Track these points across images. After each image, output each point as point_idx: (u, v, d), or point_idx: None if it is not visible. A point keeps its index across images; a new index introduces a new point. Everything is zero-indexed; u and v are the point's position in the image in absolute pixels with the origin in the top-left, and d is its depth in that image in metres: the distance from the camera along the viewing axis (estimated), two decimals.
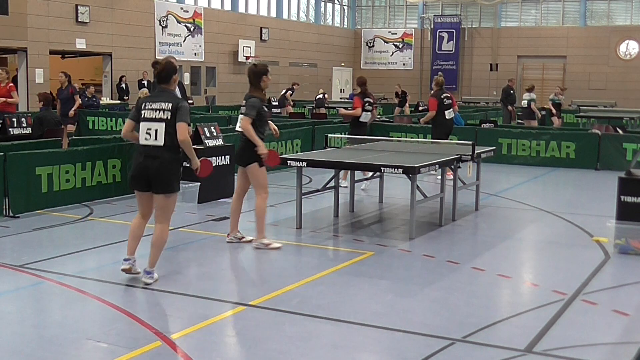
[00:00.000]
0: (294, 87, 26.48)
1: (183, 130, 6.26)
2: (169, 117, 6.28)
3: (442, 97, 12.93)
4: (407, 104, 28.07)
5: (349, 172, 10.18)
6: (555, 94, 22.34)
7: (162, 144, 6.28)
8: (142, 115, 6.41)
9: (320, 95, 26.71)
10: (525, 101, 20.46)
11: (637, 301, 6.20)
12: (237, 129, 7.85)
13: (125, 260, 6.48)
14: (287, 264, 7.40)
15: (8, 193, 9.13)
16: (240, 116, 7.64)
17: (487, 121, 18.78)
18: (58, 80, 16.23)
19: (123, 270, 6.46)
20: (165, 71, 6.47)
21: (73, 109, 15.58)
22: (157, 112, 6.33)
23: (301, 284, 6.45)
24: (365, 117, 11.91)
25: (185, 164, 6.68)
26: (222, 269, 7.28)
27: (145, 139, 6.34)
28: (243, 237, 7.98)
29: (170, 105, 6.31)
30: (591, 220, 9.40)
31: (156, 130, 6.29)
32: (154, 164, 6.29)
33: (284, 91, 26.25)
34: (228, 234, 8.03)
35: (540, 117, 21.29)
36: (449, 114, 12.97)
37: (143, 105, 6.45)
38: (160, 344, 4.96)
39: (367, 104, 11.81)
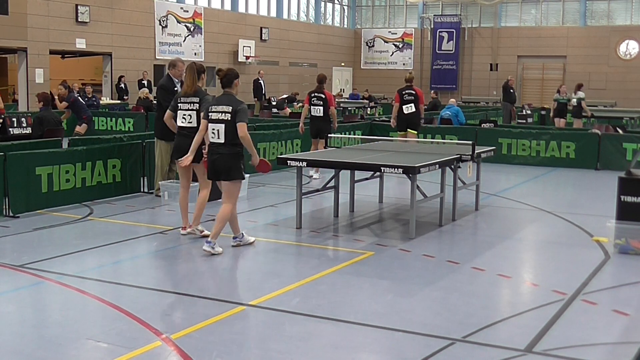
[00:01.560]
0: (295, 96, 26.20)
1: (242, 129, 7.31)
2: (229, 119, 7.32)
3: (403, 92, 13.96)
4: None
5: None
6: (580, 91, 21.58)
7: (223, 141, 7.38)
8: (209, 118, 7.46)
9: None
10: (575, 99, 20.31)
11: (637, 301, 6.20)
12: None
13: (233, 238, 7.79)
14: (287, 264, 7.40)
15: (8, 193, 9.13)
16: (194, 113, 8.31)
17: (487, 121, 18.78)
18: (59, 92, 16.17)
19: (233, 246, 7.72)
20: (227, 77, 7.54)
21: (84, 123, 15.08)
22: (220, 114, 7.37)
23: (301, 284, 6.45)
24: (314, 112, 12.75)
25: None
26: (222, 269, 7.27)
27: (212, 137, 7.46)
28: (203, 231, 8.18)
29: (230, 108, 7.33)
30: (591, 220, 9.40)
31: (218, 131, 7.38)
32: (218, 159, 7.45)
33: (285, 96, 26.02)
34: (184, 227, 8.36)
35: (590, 116, 20.95)
36: (406, 109, 13.90)
37: (209, 108, 7.49)
38: (160, 344, 4.96)
39: (313, 99, 12.76)
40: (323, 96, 12.66)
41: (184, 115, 8.30)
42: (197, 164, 8.08)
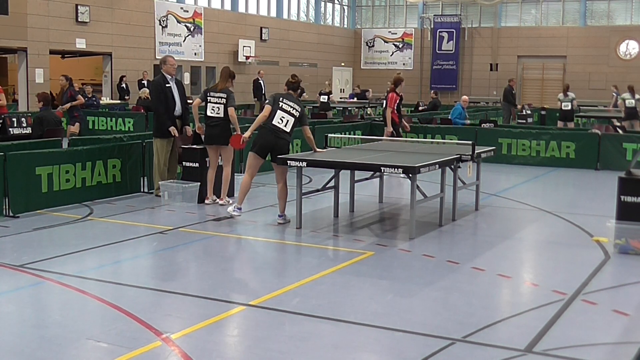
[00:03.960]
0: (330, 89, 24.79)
1: (308, 130, 9.16)
2: (298, 116, 8.92)
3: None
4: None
5: None
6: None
7: (288, 130, 8.89)
8: (280, 107, 8.87)
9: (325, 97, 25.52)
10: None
11: (637, 301, 6.20)
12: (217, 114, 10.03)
13: (238, 208, 9.05)
14: (287, 264, 7.40)
15: (8, 193, 9.13)
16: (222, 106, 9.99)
17: (487, 121, 18.77)
18: (59, 84, 16.09)
19: (236, 215, 9.03)
20: (297, 83, 9.17)
21: (72, 103, 15.30)
22: (292, 109, 8.90)
23: (301, 284, 6.45)
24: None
25: None
26: (222, 269, 7.27)
27: (278, 122, 8.83)
28: (230, 201, 9.92)
29: (300, 108, 8.98)
30: (591, 220, 9.40)
31: (287, 121, 8.85)
32: (279, 142, 8.84)
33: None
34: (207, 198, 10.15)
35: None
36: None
37: (281, 98, 8.94)
38: (160, 344, 4.96)
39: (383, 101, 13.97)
40: (386, 96, 13.64)
41: (213, 107, 9.94)
42: (225, 146, 9.96)
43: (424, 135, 16.45)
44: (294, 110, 8.89)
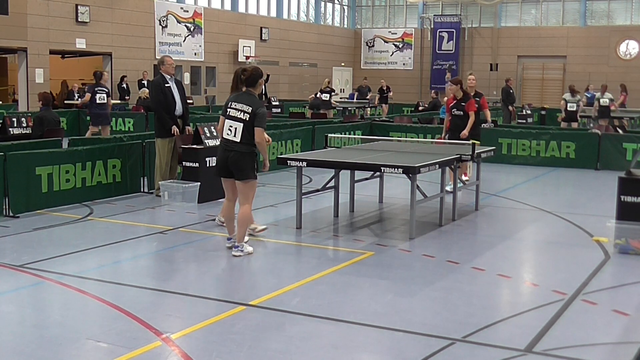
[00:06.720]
0: (329, 86, 23.03)
1: (259, 134, 7.30)
2: (247, 119, 7.27)
3: None
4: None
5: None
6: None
7: (238, 140, 7.29)
8: (227, 113, 7.40)
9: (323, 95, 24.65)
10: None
11: (637, 301, 6.20)
12: None
13: (228, 239, 7.69)
14: (287, 264, 7.40)
15: (8, 193, 9.13)
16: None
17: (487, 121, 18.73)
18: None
19: (228, 247, 7.61)
20: (252, 76, 7.49)
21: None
22: (239, 112, 7.32)
23: (301, 284, 6.45)
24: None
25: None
26: (222, 269, 7.27)
27: (227, 134, 7.37)
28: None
29: (250, 109, 7.29)
30: (591, 220, 9.40)
31: (236, 128, 7.30)
32: (231, 156, 7.32)
33: (324, 96, 22.83)
34: None
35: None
36: None
37: (229, 103, 7.43)
38: (160, 344, 4.96)
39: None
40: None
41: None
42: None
43: (424, 135, 16.45)
44: (243, 113, 7.28)
